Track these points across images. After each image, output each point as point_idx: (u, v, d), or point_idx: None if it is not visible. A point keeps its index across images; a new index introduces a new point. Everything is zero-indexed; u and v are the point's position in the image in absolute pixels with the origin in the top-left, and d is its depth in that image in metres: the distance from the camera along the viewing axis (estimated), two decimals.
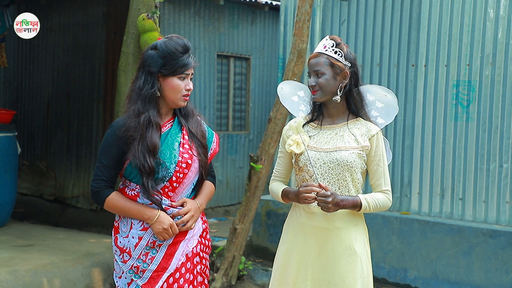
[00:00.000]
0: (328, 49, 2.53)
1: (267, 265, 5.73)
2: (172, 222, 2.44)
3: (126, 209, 2.47)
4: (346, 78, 2.54)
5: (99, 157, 2.49)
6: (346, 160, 2.49)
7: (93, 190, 2.48)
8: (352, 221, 2.54)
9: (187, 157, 2.50)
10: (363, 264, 2.53)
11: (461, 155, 5.14)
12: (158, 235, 2.44)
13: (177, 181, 2.49)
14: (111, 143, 2.45)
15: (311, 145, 2.56)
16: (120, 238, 2.51)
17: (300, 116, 2.72)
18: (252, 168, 5.07)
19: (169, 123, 2.55)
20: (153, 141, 2.40)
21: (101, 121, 6.96)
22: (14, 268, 4.53)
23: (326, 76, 2.51)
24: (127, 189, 2.51)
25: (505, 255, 4.80)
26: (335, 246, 2.51)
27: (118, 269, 2.54)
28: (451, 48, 5.18)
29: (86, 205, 7.07)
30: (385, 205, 2.54)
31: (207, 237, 2.66)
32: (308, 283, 2.53)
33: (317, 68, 2.52)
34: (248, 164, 7.35)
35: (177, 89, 2.47)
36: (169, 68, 2.45)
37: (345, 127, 2.57)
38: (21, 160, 7.55)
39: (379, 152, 2.54)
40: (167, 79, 2.46)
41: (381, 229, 5.37)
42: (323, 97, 2.54)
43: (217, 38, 7.79)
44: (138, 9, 4.25)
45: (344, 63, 2.53)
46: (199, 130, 2.59)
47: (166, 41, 2.48)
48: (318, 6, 5.83)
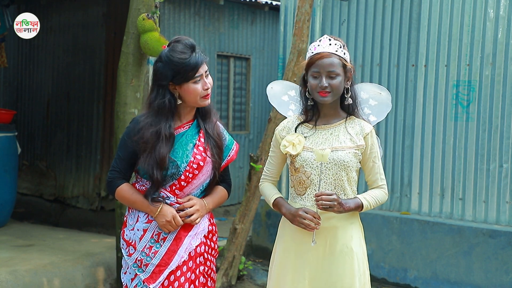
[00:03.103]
0: (339, 51, 2.51)
1: (267, 265, 5.73)
2: (175, 214, 2.49)
3: (132, 200, 2.55)
4: (350, 79, 2.55)
5: (117, 149, 2.60)
6: (342, 160, 2.50)
7: (107, 180, 2.61)
8: (349, 219, 2.55)
9: (199, 159, 2.54)
10: (360, 261, 2.54)
11: (461, 155, 5.14)
12: (162, 227, 2.51)
13: (185, 181, 2.53)
14: (128, 140, 2.54)
15: (307, 145, 2.56)
16: (127, 231, 2.59)
17: (293, 116, 2.71)
18: (252, 168, 5.07)
19: (187, 124, 2.59)
20: (161, 155, 2.45)
21: (101, 121, 6.95)
22: (14, 268, 4.53)
23: (339, 78, 2.49)
24: (138, 184, 2.59)
25: (505, 255, 4.80)
26: (332, 244, 2.51)
27: (124, 264, 2.60)
28: (451, 48, 5.18)
29: (86, 205, 7.07)
30: (383, 199, 2.60)
31: (214, 240, 2.68)
32: (306, 283, 2.53)
33: (331, 69, 2.48)
34: (248, 164, 7.33)
35: (194, 93, 2.51)
36: (180, 78, 2.48)
37: (340, 127, 2.57)
38: (21, 160, 7.55)
39: (374, 150, 2.56)
40: (183, 86, 2.50)
41: (381, 229, 5.37)
42: (333, 99, 2.53)
43: (217, 38, 7.78)
44: (138, 9, 4.25)
45: (350, 65, 2.54)
46: (215, 131, 2.62)
47: (169, 53, 2.49)
48: (318, 6, 5.83)
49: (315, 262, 2.53)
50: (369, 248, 5.29)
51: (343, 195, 2.54)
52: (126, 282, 2.58)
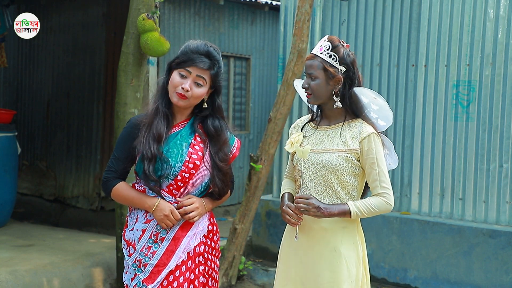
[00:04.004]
0: (323, 52, 2.49)
1: (267, 265, 5.74)
2: (172, 208, 2.48)
3: (129, 198, 2.54)
4: (339, 83, 2.49)
5: (113, 150, 2.60)
6: (330, 163, 2.47)
7: (103, 180, 2.60)
8: (340, 223, 2.49)
9: (195, 158, 2.51)
10: (351, 267, 2.48)
11: (461, 155, 5.14)
12: (160, 222, 2.49)
13: (182, 181, 2.50)
14: (125, 136, 2.55)
15: (304, 145, 2.57)
16: (127, 231, 2.59)
17: (307, 115, 2.73)
18: (252, 168, 5.07)
19: (182, 124, 2.57)
20: (159, 129, 2.46)
21: (101, 121, 6.95)
22: (14, 268, 4.53)
23: (318, 81, 2.49)
24: (137, 185, 2.58)
25: (505, 255, 4.80)
26: (321, 246, 2.50)
27: (125, 264, 2.60)
28: (451, 48, 5.18)
29: (86, 205, 7.07)
30: (382, 208, 2.47)
31: (214, 239, 2.66)
32: (296, 281, 2.55)
33: (310, 71, 2.50)
34: (248, 164, 7.34)
35: (173, 82, 2.50)
36: (177, 61, 2.50)
37: (338, 129, 2.54)
38: (21, 160, 7.55)
39: (372, 155, 2.46)
40: (172, 72, 2.52)
41: (381, 229, 5.38)
42: (316, 101, 2.54)
43: (217, 38, 7.78)
44: (138, 9, 4.25)
45: (338, 67, 2.48)
46: (218, 133, 2.62)
47: (193, 40, 2.55)
48: (318, 6, 5.83)
49: (304, 261, 2.53)
50: (369, 248, 5.29)
51: (335, 198, 2.49)
52: (126, 281, 2.58)
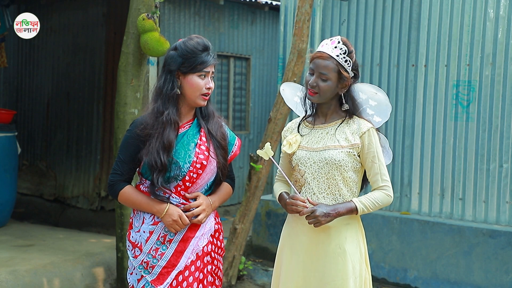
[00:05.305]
0: (340, 56, 2.48)
1: (267, 265, 5.74)
2: (181, 213, 2.48)
3: (137, 203, 2.53)
4: (346, 87, 2.53)
5: (118, 152, 2.57)
6: (334, 159, 2.48)
7: (109, 183, 2.57)
8: (344, 220, 2.51)
9: (202, 158, 2.52)
10: (355, 263, 2.50)
11: (461, 155, 5.14)
12: (169, 227, 2.49)
13: (190, 181, 2.51)
14: (129, 140, 2.52)
15: (302, 144, 2.57)
16: (133, 233, 2.57)
17: (299, 117, 2.73)
18: (252, 168, 5.07)
19: (187, 124, 2.57)
20: (169, 139, 2.45)
21: (101, 121, 6.95)
22: (14, 268, 4.53)
23: (330, 83, 2.48)
24: (142, 186, 2.57)
25: (505, 255, 4.80)
26: (325, 245, 2.50)
27: (130, 265, 2.59)
28: (451, 48, 5.18)
29: (86, 205, 7.07)
30: (384, 201, 2.52)
31: (220, 238, 2.68)
32: (299, 281, 2.54)
33: (323, 72, 2.48)
34: (248, 164, 7.35)
35: (196, 87, 2.49)
36: (188, 66, 2.48)
37: (336, 126, 2.55)
38: (21, 160, 7.55)
39: (372, 149, 2.51)
40: (187, 77, 2.49)
41: (381, 229, 5.37)
42: (319, 100, 2.53)
43: (217, 38, 7.78)
44: (138, 9, 4.25)
45: (350, 73, 2.51)
46: (219, 132, 2.61)
47: (185, 41, 2.52)
48: (318, 6, 5.83)
49: (308, 261, 2.53)
50: (369, 248, 5.29)
51: (338, 195, 2.51)
52: (132, 282, 2.58)
